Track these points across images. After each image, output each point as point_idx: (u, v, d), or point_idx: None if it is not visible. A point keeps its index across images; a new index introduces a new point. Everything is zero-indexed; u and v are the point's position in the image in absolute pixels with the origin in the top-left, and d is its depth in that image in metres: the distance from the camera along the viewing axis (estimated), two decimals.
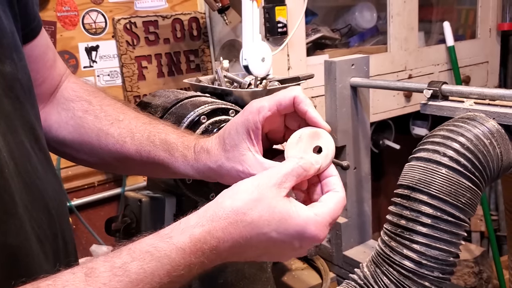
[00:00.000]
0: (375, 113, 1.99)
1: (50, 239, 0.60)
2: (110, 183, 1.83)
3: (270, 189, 0.52)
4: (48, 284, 0.46)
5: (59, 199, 0.65)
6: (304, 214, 0.53)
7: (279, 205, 0.52)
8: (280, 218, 0.52)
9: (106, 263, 0.48)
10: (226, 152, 0.63)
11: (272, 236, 0.52)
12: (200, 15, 1.89)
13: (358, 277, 0.83)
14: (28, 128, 0.61)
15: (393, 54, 2.04)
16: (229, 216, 0.51)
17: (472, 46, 2.36)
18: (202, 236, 0.50)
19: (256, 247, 0.53)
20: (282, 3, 1.60)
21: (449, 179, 0.77)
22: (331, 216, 0.54)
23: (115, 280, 0.47)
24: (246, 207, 0.52)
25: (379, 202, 2.36)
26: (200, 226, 0.51)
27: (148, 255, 0.49)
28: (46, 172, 0.63)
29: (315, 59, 1.79)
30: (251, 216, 0.52)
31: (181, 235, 0.50)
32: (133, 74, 1.80)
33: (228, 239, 0.51)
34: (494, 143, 0.80)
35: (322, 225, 0.53)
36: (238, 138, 0.61)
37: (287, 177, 0.54)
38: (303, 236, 0.53)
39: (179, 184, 0.90)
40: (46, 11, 1.63)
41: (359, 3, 2.20)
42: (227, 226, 0.51)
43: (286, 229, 0.52)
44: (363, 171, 1.31)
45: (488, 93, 0.90)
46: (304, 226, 0.52)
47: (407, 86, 1.14)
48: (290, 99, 0.60)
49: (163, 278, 0.49)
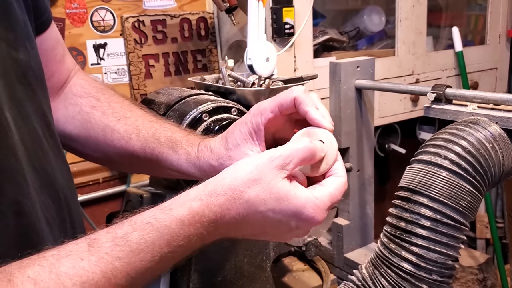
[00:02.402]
0: (381, 117, 1.98)
1: (57, 222, 0.62)
2: (115, 180, 1.84)
3: (271, 170, 0.53)
4: (53, 254, 0.47)
5: (68, 185, 0.67)
6: (303, 195, 0.54)
7: (277, 185, 0.53)
8: (278, 198, 0.53)
9: (109, 234, 0.50)
10: (228, 151, 0.64)
11: (268, 215, 0.53)
12: (208, 15, 1.90)
13: (357, 279, 0.83)
14: (40, 115, 0.63)
15: (400, 58, 2.03)
16: (226, 193, 0.53)
17: (481, 52, 2.35)
18: (200, 209, 0.52)
19: (252, 225, 0.54)
20: (290, 5, 1.60)
21: (450, 182, 0.77)
22: (330, 199, 0.55)
23: (116, 249, 0.48)
24: (243, 185, 0.53)
25: (384, 206, 2.35)
26: (199, 200, 0.52)
27: (148, 226, 0.50)
28: (56, 158, 0.65)
29: (322, 61, 1.79)
30: (248, 194, 0.52)
31: (180, 207, 0.52)
32: (140, 73, 1.81)
33: (225, 214, 0.52)
34: (496, 147, 0.80)
35: (320, 208, 0.54)
36: (241, 138, 0.62)
37: (290, 159, 0.54)
38: (300, 217, 0.54)
39: (180, 181, 0.91)
40: (55, 7, 1.64)
41: (367, 7, 2.20)
42: (224, 202, 0.52)
43: (282, 209, 0.53)
44: (366, 173, 1.31)
45: (491, 97, 0.89)
46: (302, 207, 0.53)
47: (411, 89, 1.14)
48: (291, 100, 0.61)
49: (163, 247, 0.50)
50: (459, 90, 0.96)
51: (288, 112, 0.62)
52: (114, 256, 0.48)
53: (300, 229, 0.56)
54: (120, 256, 0.48)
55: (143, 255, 0.49)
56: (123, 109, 0.77)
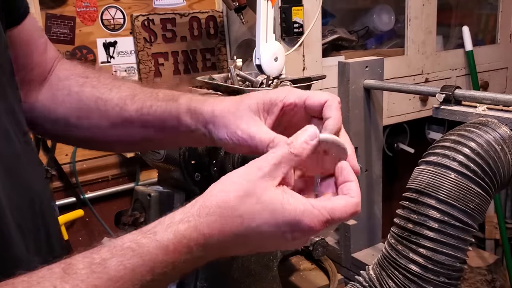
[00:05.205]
0: (390, 116, 1.97)
1: (30, 227, 0.58)
2: (123, 178, 1.86)
3: (260, 180, 0.49)
4: (23, 280, 0.44)
5: (43, 189, 0.63)
6: (298, 205, 0.49)
7: (270, 196, 0.48)
8: (272, 210, 0.48)
9: (85, 259, 0.46)
10: (235, 108, 0.60)
11: (263, 229, 0.49)
12: (217, 13, 1.90)
13: (364, 279, 0.83)
14: (11, 114, 0.59)
15: (410, 57, 2.02)
16: (215, 212, 0.48)
17: (491, 51, 2.33)
18: (188, 233, 0.47)
19: (246, 241, 0.50)
20: (299, 4, 1.60)
21: (458, 184, 0.76)
22: (330, 212, 0.50)
23: (93, 276, 0.44)
24: (234, 200, 0.48)
25: (392, 206, 2.34)
26: (186, 222, 0.48)
27: (129, 250, 0.46)
28: (30, 160, 0.61)
29: (330, 60, 1.79)
30: (240, 210, 0.48)
31: (165, 232, 0.47)
32: (149, 71, 1.82)
33: (215, 234, 0.48)
34: (505, 149, 0.79)
35: (317, 218, 0.49)
36: (252, 103, 0.59)
37: (278, 166, 0.50)
38: (296, 229, 0.49)
39: (188, 180, 0.91)
40: (66, 6, 1.65)
41: (377, 6, 2.19)
42: (214, 222, 0.48)
43: (277, 221, 0.48)
44: (374, 173, 1.31)
45: (501, 99, 0.89)
46: (297, 218, 0.48)
47: (420, 89, 1.13)
48: (319, 105, 0.57)
49: (145, 275, 0.46)
50: (468, 91, 0.95)
51: (312, 112, 0.59)
52: (90, 284, 0.44)
53: (297, 239, 0.51)
54: (96, 284, 0.44)
55: (122, 283, 0.45)
56: (115, 81, 0.73)
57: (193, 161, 0.93)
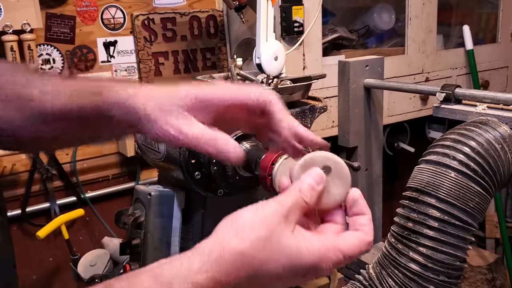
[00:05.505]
0: (390, 115, 1.97)
1: None
2: (124, 177, 1.86)
3: (278, 224, 0.49)
4: None
5: None
6: (313, 251, 0.49)
7: (288, 242, 0.49)
8: (289, 255, 0.49)
9: None
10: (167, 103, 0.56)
11: (279, 272, 0.49)
12: (217, 13, 1.90)
13: (363, 278, 0.83)
14: None
15: (410, 56, 2.02)
16: (236, 260, 0.47)
17: (492, 50, 2.33)
18: (205, 283, 0.46)
19: (258, 284, 0.50)
20: (299, 3, 1.60)
21: (458, 183, 0.76)
22: (344, 254, 0.50)
23: None
24: (254, 249, 0.48)
25: (392, 205, 2.35)
26: (204, 272, 0.47)
27: None
28: None
29: (331, 60, 1.79)
30: (260, 258, 0.48)
31: (183, 284, 0.46)
32: (149, 70, 1.82)
33: (231, 281, 0.47)
34: (505, 148, 0.79)
35: (331, 261, 0.50)
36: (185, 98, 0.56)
37: (292, 210, 0.50)
38: (310, 272, 0.50)
39: (188, 179, 0.91)
40: (66, 5, 1.65)
41: (378, 5, 2.19)
42: (232, 271, 0.47)
43: (294, 267, 0.49)
44: (374, 172, 1.31)
45: (501, 97, 0.89)
46: (313, 264, 0.49)
47: (420, 88, 1.13)
48: (257, 104, 0.56)
49: None
50: (468, 90, 0.95)
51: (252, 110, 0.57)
52: None
53: (310, 278, 0.52)
54: None
55: None
56: None
57: (193, 160, 0.93)
